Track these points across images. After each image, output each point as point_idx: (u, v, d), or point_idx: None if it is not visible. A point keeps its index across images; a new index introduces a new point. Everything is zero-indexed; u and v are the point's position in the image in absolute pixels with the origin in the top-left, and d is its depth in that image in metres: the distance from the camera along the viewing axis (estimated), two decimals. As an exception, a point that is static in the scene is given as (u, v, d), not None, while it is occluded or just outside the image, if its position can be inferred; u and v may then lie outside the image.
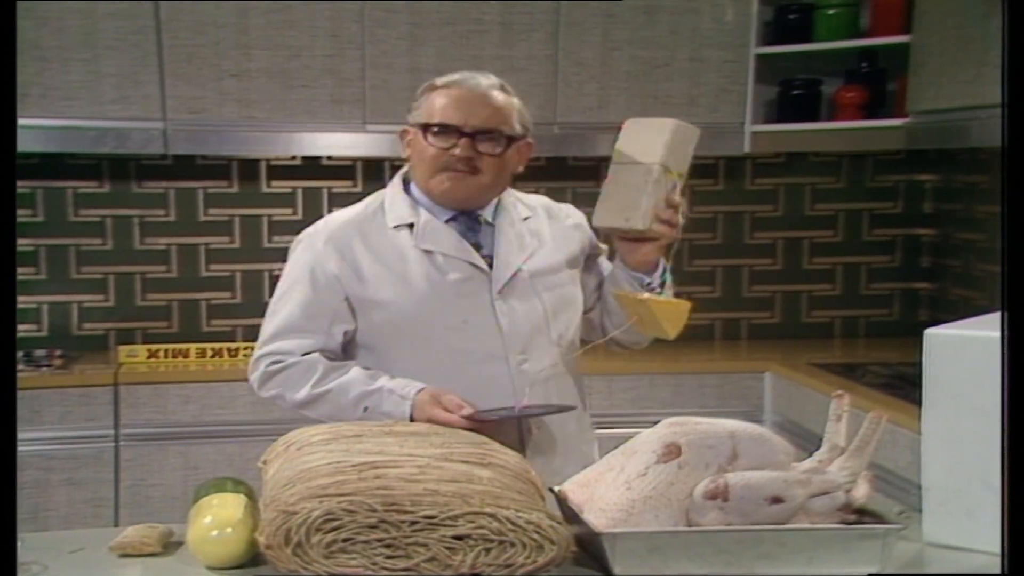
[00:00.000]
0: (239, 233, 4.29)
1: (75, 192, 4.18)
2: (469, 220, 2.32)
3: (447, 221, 2.30)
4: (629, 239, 2.27)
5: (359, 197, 4.57)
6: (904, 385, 3.32)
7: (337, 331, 2.28)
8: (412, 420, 2.13)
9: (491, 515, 1.47)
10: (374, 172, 4.32)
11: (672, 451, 1.75)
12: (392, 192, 2.36)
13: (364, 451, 1.65)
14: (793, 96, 4.19)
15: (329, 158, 4.27)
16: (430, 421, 2.07)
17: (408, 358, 2.24)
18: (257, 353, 2.33)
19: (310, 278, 2.27)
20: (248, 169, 4.27)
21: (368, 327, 2.27)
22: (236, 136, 3.95)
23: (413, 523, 1.46)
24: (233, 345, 4.05)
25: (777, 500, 1.72)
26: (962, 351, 1.82)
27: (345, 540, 1.46)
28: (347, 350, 2.32)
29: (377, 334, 2.27)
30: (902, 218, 4.53)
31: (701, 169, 4.44)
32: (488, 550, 1.46)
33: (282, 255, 4.17)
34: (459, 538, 1.47)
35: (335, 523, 1.47)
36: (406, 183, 2.37)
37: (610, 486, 1.77)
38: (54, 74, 3.80)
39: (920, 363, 1.86)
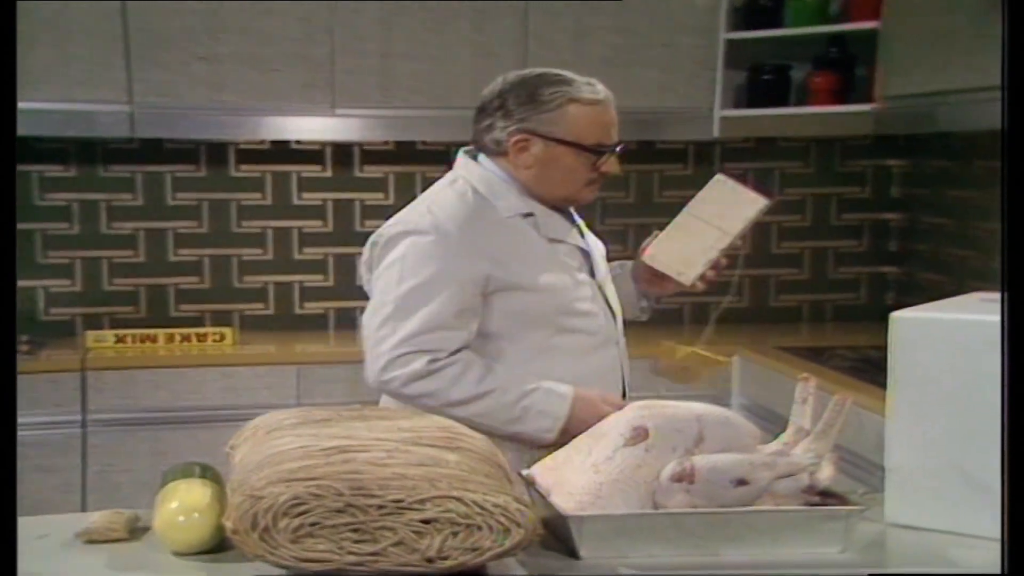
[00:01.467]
0: (207, 217, 4.27)
1: (41, 176, 4.15)
2: (566, 212, 2.39)
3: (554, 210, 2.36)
4: (660, 274, 2.40)
5: (328, 182, 4.58)
6: (871, 368, 3.35)
7: (475, 326, 2.25)
8: (570, 418, 2.19)
9: (458, 499, 1.47)
10: (343, 157, 4.31)
11: (640, 434, 1.76)
12: (488, 180, 2.31)
13: (333, 435, 1.65)
14: (763, 81, 4.21)
15: (298, 142, 4.25)
16: (600, 419, 2.05)
17: (539, 344, 2.27)
18: (401, 350, 2.21)
19: (452, 273, 2.22)
20: (216, 153, 4.25)
21: (500, 315, 2.26)
22: (204, 120, 3.92)
23: (381, 507, 1.46)
24: (202, 330, 4.04)
25: (742, 482, 1.73)
26: (927, 334, 1.84)
27: (312, 524, 1.46)
28: None
29: (510, 321, 2.26)
30: (870, 203, 4.56)
31: (670, 154, 4.46)
32: (455, 533, 1.47)
33: (251, 240, 4.18)
34: (426, 522, 1.47)
35: (302, 508, 1.47)
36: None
37: (578, 469, 1.78)
38: (20, 56, 3.75)
39: (887, 347, 1.88)
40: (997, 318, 1.82)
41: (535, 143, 2.26)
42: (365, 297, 2.37)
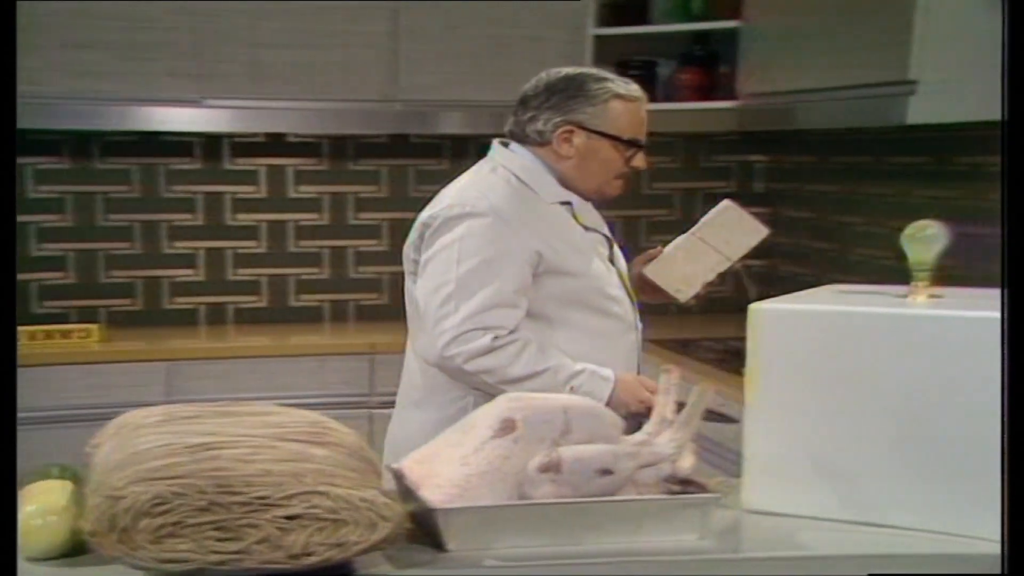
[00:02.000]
0: (72, 211, 4.16)
1: None
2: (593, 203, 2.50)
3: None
4: (656, 285, 2.55)
5: (199, 174, 4.48)
6: (734, 359, 3.43)
7: (526, 305, 2.35)
8: (611, 400, 2.28)
9: (324, 493, 1.47)
10: (213, 149, 4.24)
11: (508, 426, 1.78)
12: (529, 168, 2.41)
13: (199, 432, 1.63)
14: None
15: (167, 133, 4.17)
16: (641, 403, 2.28)
17: (577, 326, 2.38)
18: (465, 327, 2.28)
19: (512, 253, 2.31)
20: (82, 145, 4.14)
21: (546, 296, 2.36)
22: (68, 110, 3.82)
23: (245, 504, 1.45)
24: (67, 327, 3.93)
25: (607, 472, 1.77)
26: (784, 324, 1.90)
27: (175, 524, 1.45)
28: None
29: (553, 303, 2.37)
30: (735, 197, 4.63)
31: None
32: (321, 529, 1.47)
33: (114, 233, 4.06)
34: (292, 518, 1.46)
35: (164, 507, 1.45)
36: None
37: (447, 462, 1.79)
38: None
39: (751, 337, 1.93)
40: (852, 308, 1.90)
41: (578, 135, 2.38)
42: (234, 291, 2.35)
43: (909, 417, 1.79)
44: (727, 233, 2.55)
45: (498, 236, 2.31)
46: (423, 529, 1.72)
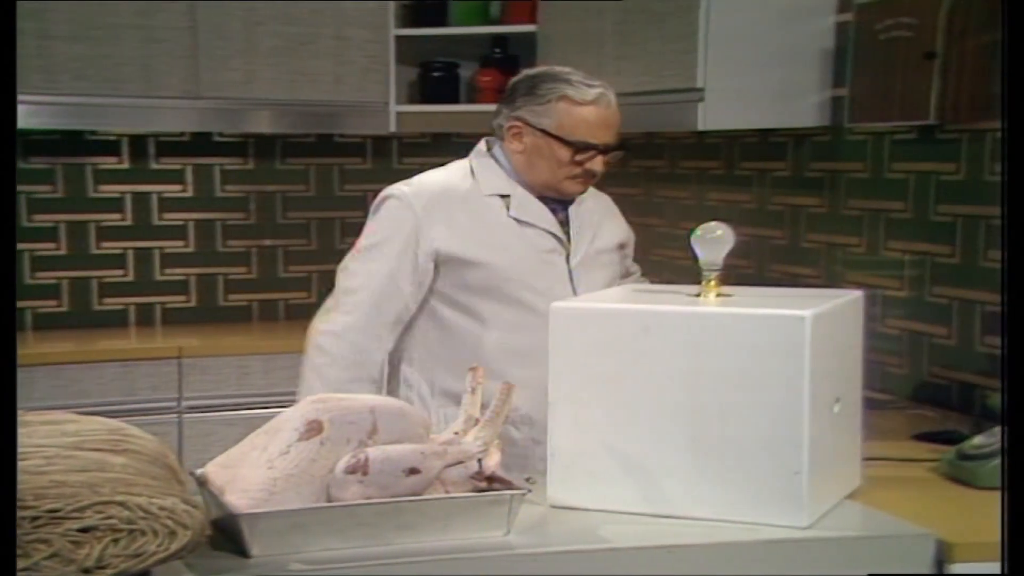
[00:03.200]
0: None
1: None
2: (553, 200, 2.52)
3: (539, 197, 2.51)
4: None
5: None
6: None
7: (417, 290, 2.45)
8: None
9: (121, 503, 1.44)
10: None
11: (314, 428, 1.78)
12: (482, 162, 2.53)
13: (-12, 444, 1.57)
14: (433, 78, 4.33)
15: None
16: None
17: (496, 316, 2.45)
18: (329, 303, 2.50)
19: (406, 236, 2.43)
20: None
21: (460, 285, 2.46)
22: None
23: (35, 519, 1.40)
24: None
25: (414, 471, 1.78)
26: (580, 322, 1.95)
27: (-42, 542, 1.39)
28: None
29: (468, 292, 2.46)
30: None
31: (349, 147, 4.49)
32: (117, 540, 1.43)
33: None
34: (86, 530, 1.43)
35: (-52, 524, 1.39)
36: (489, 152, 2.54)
37: (252, 466, 1.77)
38: None
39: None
40: (643, 307, 1.97)
41: (526, 132, 2.46)
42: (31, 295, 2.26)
43: (701, 412, 1.86)
44: None
45: (397, 218, 2.45)
46: (228, 535, 1.70)
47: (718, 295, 1.98)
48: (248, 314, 4.39)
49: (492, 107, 4.19)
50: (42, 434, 1.64)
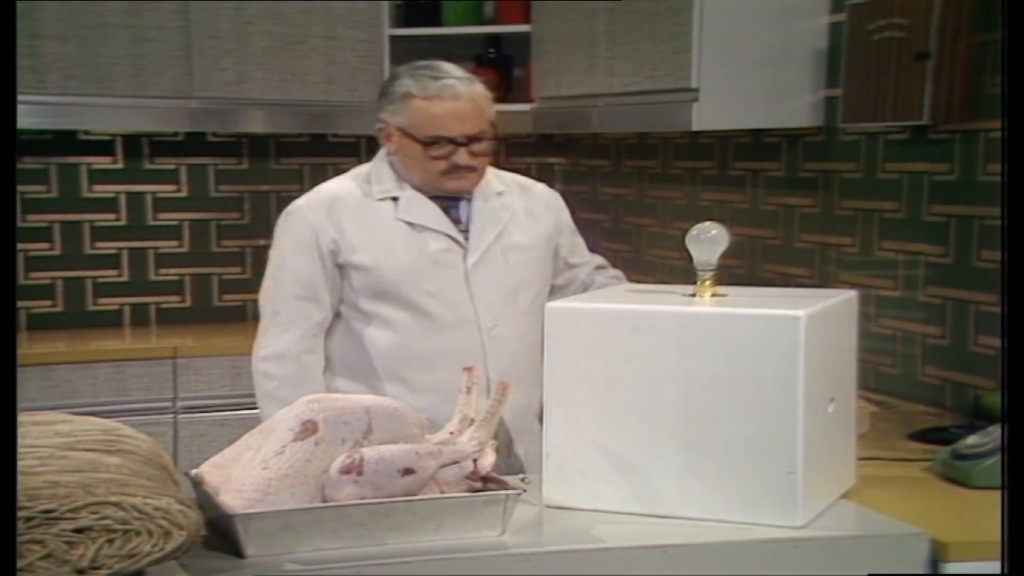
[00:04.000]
0: None
1: None
2: (447, 199, 2.47)
3: (432, 197, 2.45)
4: None
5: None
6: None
7: (326, 296, 2.45)
8: None
9: (116, 504, 1.44)
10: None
11: (309, 428, 1.78)
12: (377, 166, 2.49)
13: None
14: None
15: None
16: None
17: (383, 320, 2.43)
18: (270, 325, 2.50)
19: (309, 247, 2.43)
20: None
21: (358, 291, 2.44)
22: None
23: (29, 520, 1.40)
24: None
25: (409, 472, 1.78)
26: (575, 322, 1.95)
27: (-48, 543, 1.38)
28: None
29: (366, 298, 2.44)
30: (535, 197, 4.74)
31: (343, 147, 4.48)
32: (111, 541, 1.43)
33: None
34: (80, 531, 1.42)
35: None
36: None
37: (247, 466, 1.77)
38: None
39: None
40: (637, 307, 1.97)
41: (392, 132, 2.44)
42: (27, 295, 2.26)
43: (696, 412, 1.86)
44: None
45: (296, 235, 2.45)
46: (222, 536, 1.70)
47: (713, 295, 1.99)
48: (243, 314, 4.38)
49: (486, 107, 4.24)
50: (35, 434, 1.64)
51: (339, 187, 2.51)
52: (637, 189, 4.08)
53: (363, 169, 2.53)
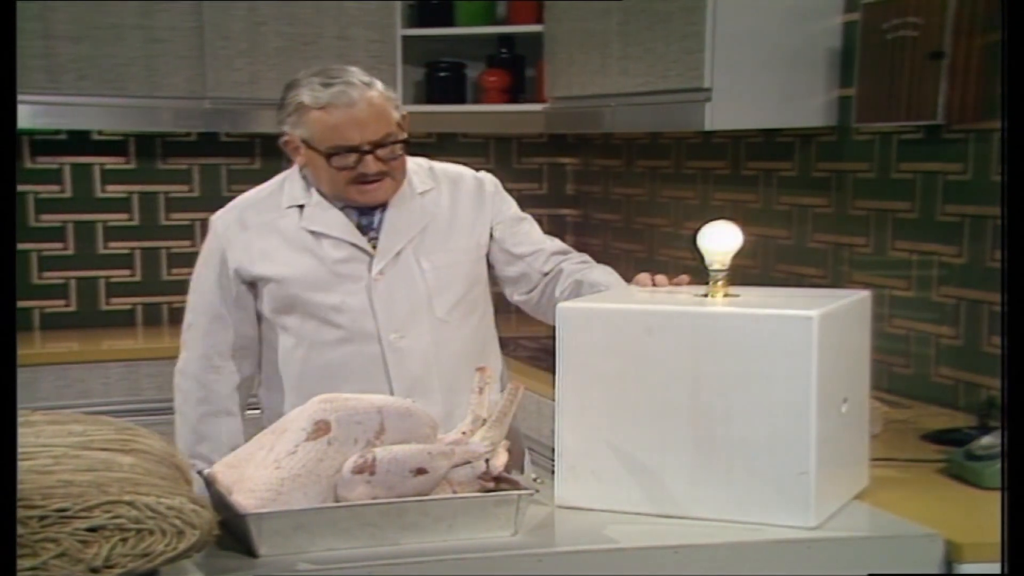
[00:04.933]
0: None
1: None
2: (357, 207, 2.38)
3: (344, 207, 2.37)
4: None
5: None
6: (548, 357, 3.49)
7: (240, 312, 2.41)
8: None
9: (129, 503, 1.44)
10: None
11: (322, 428, 1.78)
12: (291, 174, 2.43)
13: (-7, 444, 1.57)
14: (439, 78, 4.32)
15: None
16: None
17: (292, 332, 2.38)
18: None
19: (211, 265, 2.41)
20: None
21: (267, 303, 2.39)
22: None
23: (43, 518, 1.40)
24: None
25: (421, 471, 1.78)
26: (587, 322, 1.94)
27: (-34, 542, 1.39)
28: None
29: (270, 307, 2.39)
30: (547, 199, 4.74)
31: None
32: (125, 540, 1.43)
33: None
34: (94, 530, 1.43)
35: (-45, 524, 1.39)
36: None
37: (260, 465, 1.77)
38: None
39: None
40: (650, 307, 1.97)
41: (298, 144, 2.34)
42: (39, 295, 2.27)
43: (708, 413, 1.86)
44: None
45: (207, 249, 2.44)
46: (235, 535, 1.70)
47: (725, 295, 1.98)
48: (254, 314, 4.38)
49: (499, 107, 4.24)
50: (49, 434, 1.65)
51: (255, 196, 2.46)
52: (649, 189, 4.08)
53: (280, 177, 2.46)
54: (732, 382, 1.84)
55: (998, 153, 2.70)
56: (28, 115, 3.78)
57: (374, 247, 2.37)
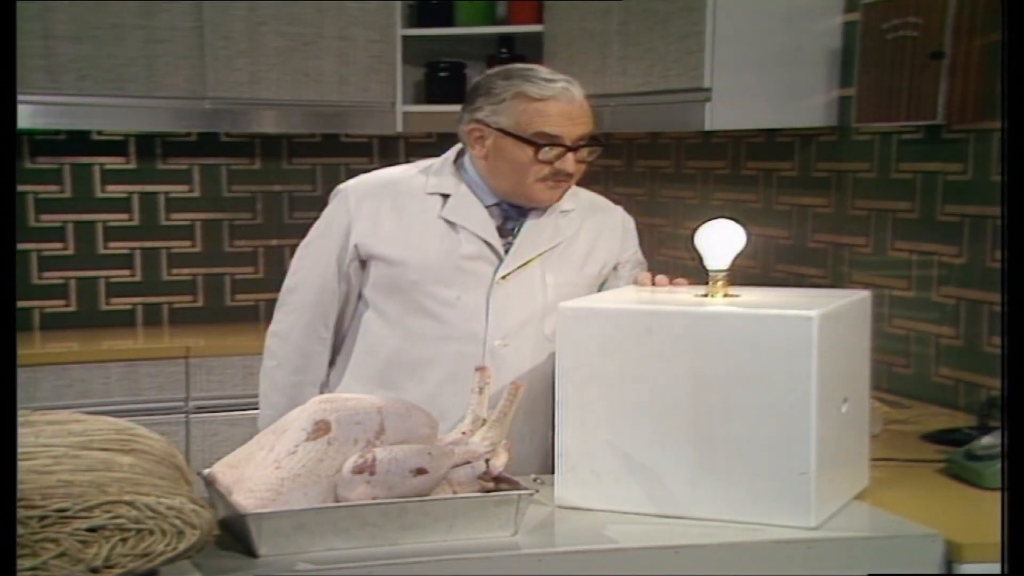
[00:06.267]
0: None
1: None
2: (513, 207, 2.36)
3: (493, 204, 2.35)
4: None
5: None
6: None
7: (343, 286, 2.38)
8: None
9: (129, 503, 1.44)
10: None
11: (322, 428, 1.78)
12: (442, 162, 2.40)
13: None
14: (439, 78, 4.33)
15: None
16: None
17: (389, 320, 2.35)
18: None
19: (332, 235, 2.37)
20: None
21: (374, 283, 2.36)
22: None
23: (43, 518, 1.40)
24: None
25: (422, 472, 1.78)
26: (587, 322, 1.94)
27: (-34, 542, 1.39)
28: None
29: (377, 289, 2.36)
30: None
31: (356, 147, 4.49)
32: (125, 540, 1.43)
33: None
34: (94, 530, 1.43)
35: (-44, 524, 1.39)
36: (458, 156, 2.40)
37: (260, 465, 1.77)
38: None
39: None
40: (650, 307, 1.97)
41: (487, 133, 2.30)
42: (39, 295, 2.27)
43: (708, 413, 1.86)
44: None
45: (331, 216, 2.39)
46: (235, 535, 1.70)
47: (725, 295, 1.98)
48: (255, 314, 4.39)
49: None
50: (49, 433, 1.65)
51: (398, 174, 2.43)
52: (650, 189, 4.08)
53: (425, 162, 2.44)
54: (732, 382, 1.84)
55: (998, 153, 2.70)
56: (28, 115, 3.78)
57: (506, 252, 2.34)
